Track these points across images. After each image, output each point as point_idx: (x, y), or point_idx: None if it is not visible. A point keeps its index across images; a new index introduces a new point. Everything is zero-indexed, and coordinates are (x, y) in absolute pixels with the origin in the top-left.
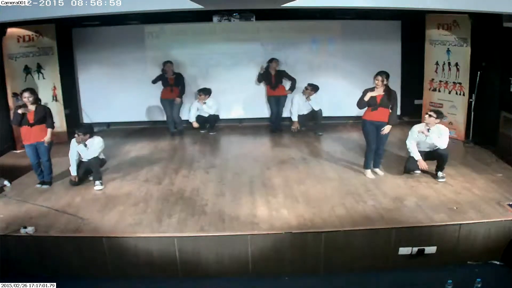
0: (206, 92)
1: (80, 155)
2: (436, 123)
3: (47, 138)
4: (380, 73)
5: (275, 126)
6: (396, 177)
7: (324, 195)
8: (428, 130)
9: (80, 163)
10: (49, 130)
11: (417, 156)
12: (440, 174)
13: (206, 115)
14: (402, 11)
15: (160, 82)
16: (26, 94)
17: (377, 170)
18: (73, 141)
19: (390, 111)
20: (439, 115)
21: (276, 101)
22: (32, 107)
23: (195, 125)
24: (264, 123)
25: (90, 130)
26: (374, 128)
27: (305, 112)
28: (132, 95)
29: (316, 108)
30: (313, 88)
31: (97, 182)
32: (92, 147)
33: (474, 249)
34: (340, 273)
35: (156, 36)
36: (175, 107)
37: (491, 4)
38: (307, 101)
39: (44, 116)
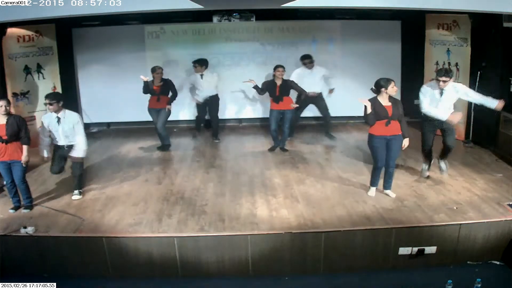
0: (202, 62)
1: (53, 135)
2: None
3: (24, 158)
4: (390, 80)
5: (276, 144)
6: (396, 177)
7: (324, 195)
8: (442, 92)
9: (55, 154)
10: (25, 147)
11: (442, 114)
12: (442, 165)
13: (205, 95)
14: (402, 11)
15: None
16: (1, 103)
17: (388, 192)
18: (44, 116)
19: (400, 122)
20: (448, 73)
21: (279, 116)
22: (3, 120)
23: (199, 100)
24: (264, 123)
25: (60, 97)
26: (384, 144)
27: (317, 90)
28: (132, 95)
29: (330, 86)
30: (312, 60)
31: (76, 192)
32: (67, 124)
33: (474, 249)
34: (340, 273)
35: (156, 36)
36: (160, 117)
37: (491, 4)
38: (312, 72)
39: (18, 130)
